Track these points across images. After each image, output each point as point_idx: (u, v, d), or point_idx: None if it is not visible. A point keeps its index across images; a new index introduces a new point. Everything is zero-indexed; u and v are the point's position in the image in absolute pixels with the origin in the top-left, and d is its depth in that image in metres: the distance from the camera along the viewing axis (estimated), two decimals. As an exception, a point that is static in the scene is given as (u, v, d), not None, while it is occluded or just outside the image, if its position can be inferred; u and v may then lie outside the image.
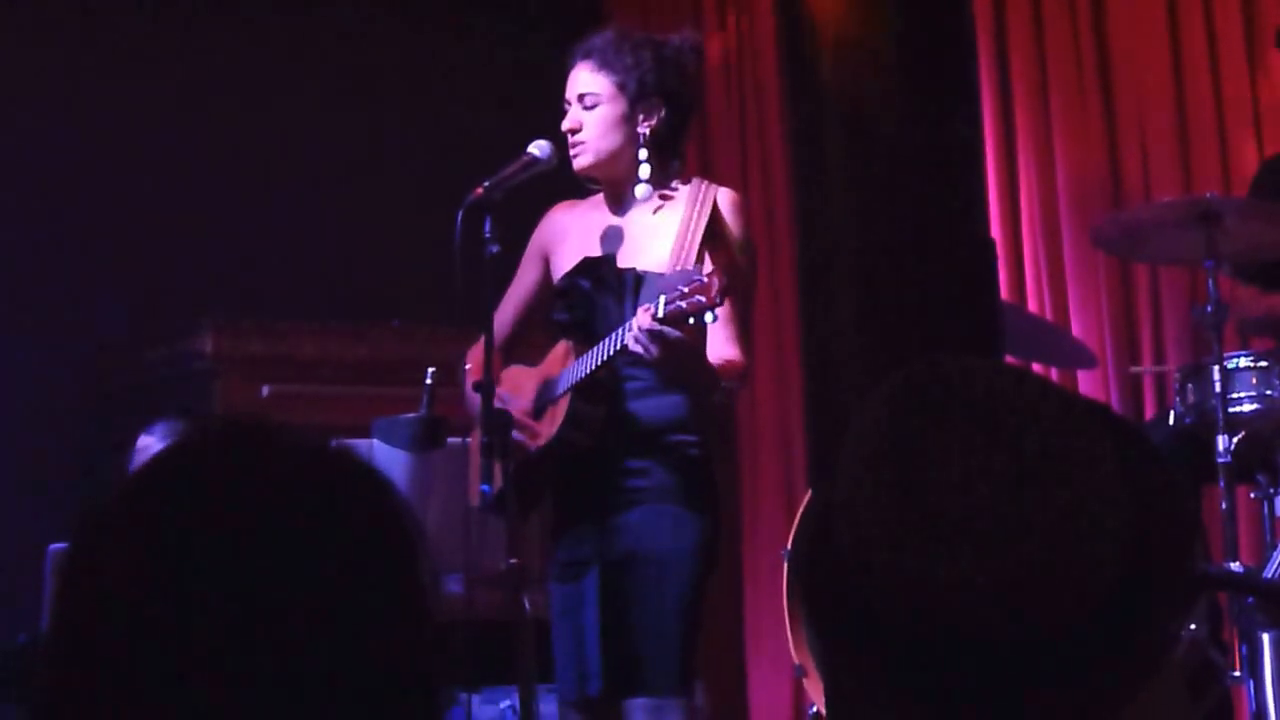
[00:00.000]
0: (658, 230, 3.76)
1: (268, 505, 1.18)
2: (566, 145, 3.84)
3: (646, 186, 3.79)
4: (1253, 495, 4.57)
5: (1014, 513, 1.25)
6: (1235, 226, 4.40)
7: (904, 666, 1.29)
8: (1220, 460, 4.29)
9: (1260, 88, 5.67)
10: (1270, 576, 4.14)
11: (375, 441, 4.12)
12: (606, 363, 3.62)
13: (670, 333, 3.45)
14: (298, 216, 6.43)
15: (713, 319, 3.41)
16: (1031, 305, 5.87)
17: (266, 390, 5.79)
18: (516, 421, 3.75)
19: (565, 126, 3.85)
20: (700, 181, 3.82)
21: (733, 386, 3.74)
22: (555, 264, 3.92)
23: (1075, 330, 5.76)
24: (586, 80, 3.83)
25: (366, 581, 1.18)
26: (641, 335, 3.46)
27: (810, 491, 5.10)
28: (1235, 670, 4.27)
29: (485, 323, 3.75)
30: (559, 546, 3.79)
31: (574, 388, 3.69)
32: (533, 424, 3.79)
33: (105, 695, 1.14)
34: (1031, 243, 5.94)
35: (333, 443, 1.26)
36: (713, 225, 3.70)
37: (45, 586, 4.99)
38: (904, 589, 1.26)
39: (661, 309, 3.42)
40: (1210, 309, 4.39)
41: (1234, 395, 4.44)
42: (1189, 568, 1.33)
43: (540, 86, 4.58)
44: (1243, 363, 4.50)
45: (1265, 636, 4.19)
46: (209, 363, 5.81)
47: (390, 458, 4.13)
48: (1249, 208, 4.56)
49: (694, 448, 3.71)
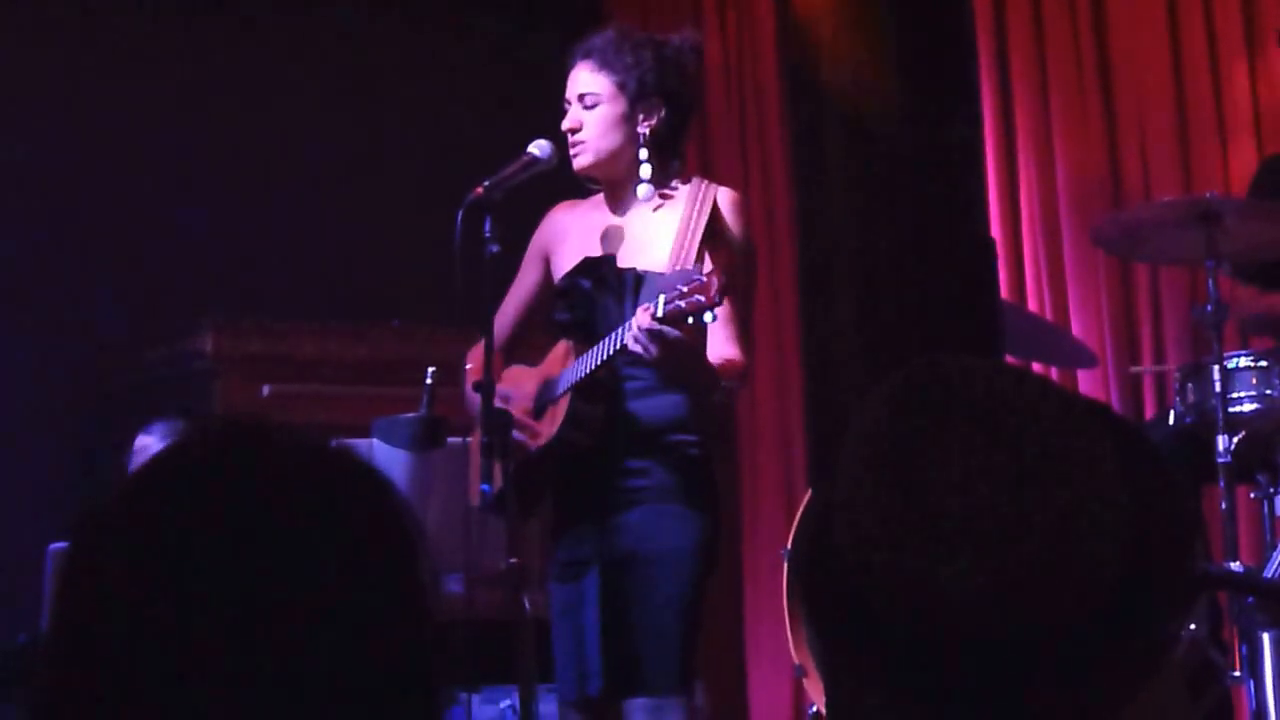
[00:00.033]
0: (658, 230, 3.76)
1: (267, 505, 1.18)
2: (566, 145, 3.84)
3: (648, 186, 3.79)
4: (1253, 495, 4.57)
5: (1014, 513, 1.25)
6: (1235, 226, 4.40)
7: (904, 666, 1.28)
8: (1220, 460, 4.30)
9: (1260, 88, 5.67)
10: (1270, 576, 4.14)
11: (375, 441, 4.12)
12: (606, 362, 3.62)
13: (669, 332, 3.44)
14: (298, 216, 6.43)
15: (712, 318, 3.41)
16: (1031, 305, 5.87)
17: (267, 390, 5.79)
18: (516, 421, 3.75)
19: (565, 126, 3.85)
20: (700, 181, 3.82)
21: (733, 386, 3.74)
22: (556, 264, 3.92)
23: (1075, 330, 5.76)
24: (587, 80, 3.83)
25: (366, 581, 1.18)
26: (641, 335, 3.46)
27: (810, 491, 5.11)
28: (1235, 670, 4.27)
29: (485, 322, 3.75)
30: (559, 546, 3.79)
31: (574, 387, 3.69)
32: (533, 424, 3.79)
33: (105, 695, 1.14)
34: (1031, 242, 5.93)
35: (333, 442, 1.26)
36: (712, 225, 3.70)
37: (45, 586, 4.99)
38: (904, 589, 1.26)
39: (661, 309, 3.42)
40: (1210, 309, 4.39)
41: (1234, 395, 4.44)
42: (1189, 567, 1.33)
43: (540, 86, 4.58)
44: (1243, 362, 4.50)
45: (1265, 636, 4.19)
46: (209, 362, 5.81)
47: (390, 457, 4.13)
48: (1249, 207, 4.56)
49: (694, 447, 3.71)
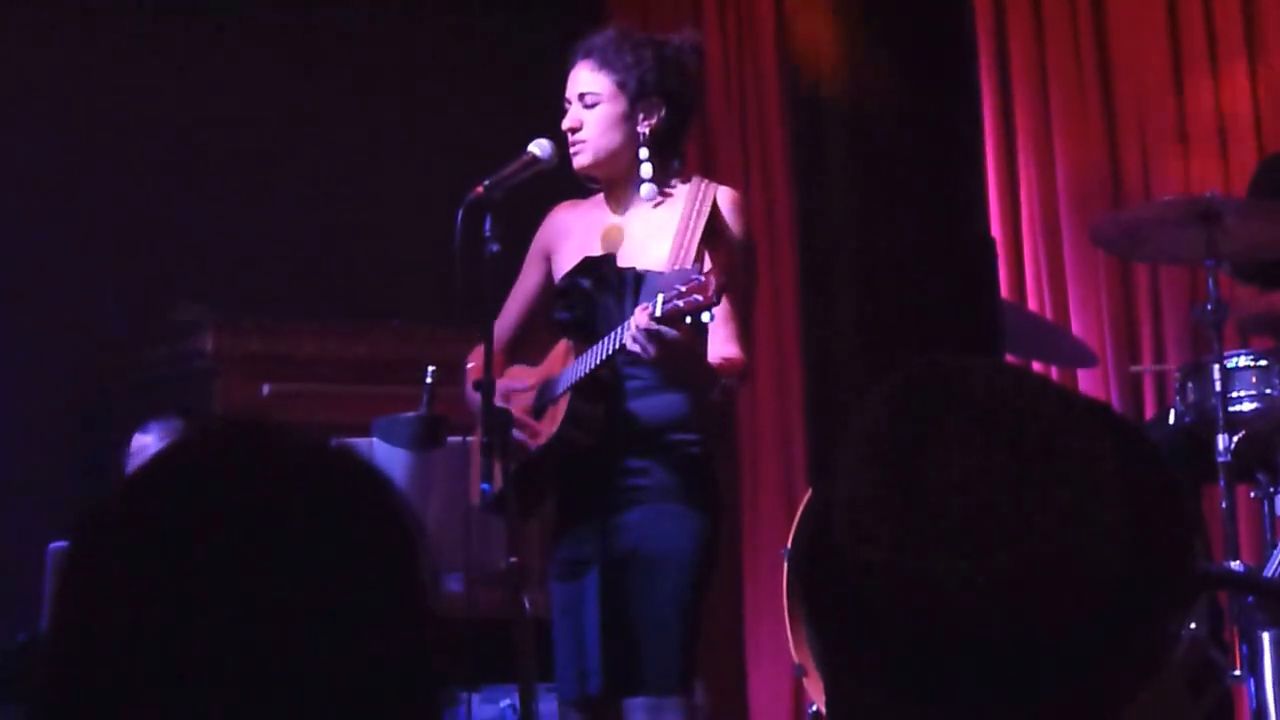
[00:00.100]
0: (658, 229, 3.76)
1: (267, 504, 1.18)
2: (567, 144, 3.84)
3: (650, 186, 3.79)
4: (1253, 494, 4.57)
5: (1014, 512, 1.25)
6: (1235, 225, 4.40)
7: (904, 666, 1.28)
8: (1220, 459, 4.29)
9: (1260, 88, 5.67)
10: (1270, 575, 4.14)
11: (375, 440, 4.12)
12: (606, 362, 3.62)
13: (668, 332, 3.44)
14: (298, 216, 6.42)
15: (710, 318, 3.41)
16: (1031, 304, 5.87)
17: (267, 389, 5.79)
18: (517, 421, 3.76)
19: (565, 125, 3.85)
20: (700, 180, 3.82)
21: (733, 385, 3.74)
22: (557, 263, 3.92)
23: (1075, 329, 5.76)
24: (587, 79, 3.83)
25: (366, 580, 1.18)
26: (639, 335, 3.46)
27: (810, 491, 5.10)
28: (1236, 669, 4.27)
29: (485, 322, 3.75)
30: (560, 545, 3.79)
31: (574, 387, 3.69)
32: (533, 423, 3.79)
33: (105, 695, 1.14)
34: (1031, 242, 5.93)
35: (333, 442, 1.26)
36: (712, 224, 3.70)
37: (45, 586, 4.99)
38: (904, 589, 1.26)
39: (659, 308, 3.42)
40: (1210, 308, 4.39)
41: (1234, 394, 4.44)
42: (1189, 567, 1.33)
43: (540, 85, 4.58)
44: (1243, 361, 4.50)
45: (1265, 635, 4.18)
46: (209, 362, 5.81)
47: (390, 456, 4.13)
48: (1249, 207, 4.56)
49: (695, 446, 3.71)
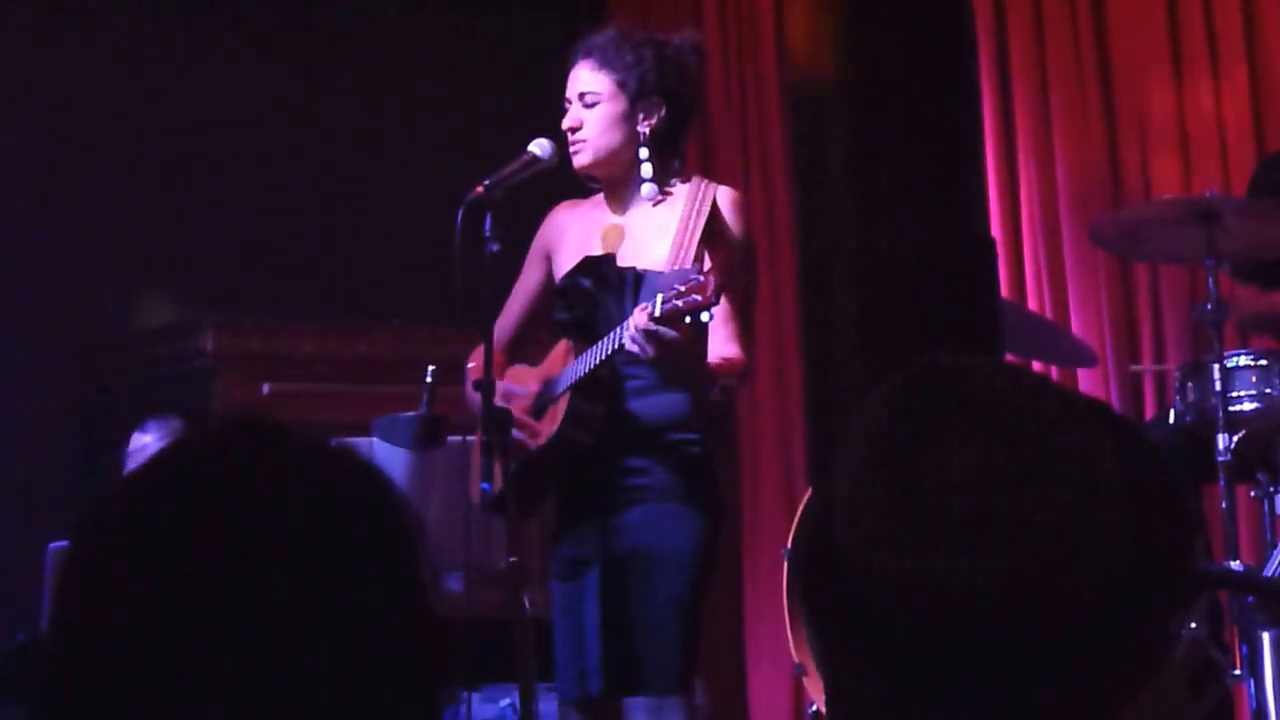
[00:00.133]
0: (658, 229, 3.76)
1: (268, 503, 1.18)
2: (567, 143, 3.84)
3: (651, 185, 3.79)
4: (1253, 494, 4.56)
5: (1014, 512, 1.25)
6: (1235, 225, 4.40)
7: (904, 666, 1.28)
8: (1220, 459, 4.29)
9: (1260, 88, 5.67)
10: (1270, 575, 4.14)
11: (375, 440, 4.12)
12: (605, 361, 3.62)
13: (666, 333, 3.44)
14: (298, 216, 6.42)
15: (709, 318, 3.40)
16: (1031, 304, 5.87)
17: (267, 388, 5.79)
18: (517, 421, 3.75)
19: (565, 125, 3.85)
20: (700, 180, 3.81)
21: (733, 384, 3.74)
22: (557, 263, 3.92)
23: (1075, 329, 5.76)
24: (587, 79, 3.83)
25: (367, 580, 1.18)
26: (638, 335, 3.46)
27: (810, 490, 5.10)
28: (1236, 669, 4.27)
29: (485, 322, 3.75)
30: (561, 545, 3.79)
31: (573, 386, 3.69)
32: (533, 423, 3.79)
33: (105, 695, 1.14)
34: (1031, 241, 5.93)
35: (333, 441, 1.26)
36: (712, 223, 3.70)
37: (45, 586, 4.99)
38: (904, 589, 1.26)
39: (658, 308, 3.41)
40: (1210, 307, 4.39)
41: (1234, 394, 4.44)
42: (1189, 567, 1.33)
43: (540, 85, 4.58)
44: (1243, 361, 4.49)
45: (1265, 635, 4.18)
46: (209, 361, 5.81)
47: (390, 456, 4.13)
48: (1248, 206, 4.56)
49: (695, 446, 3.71)
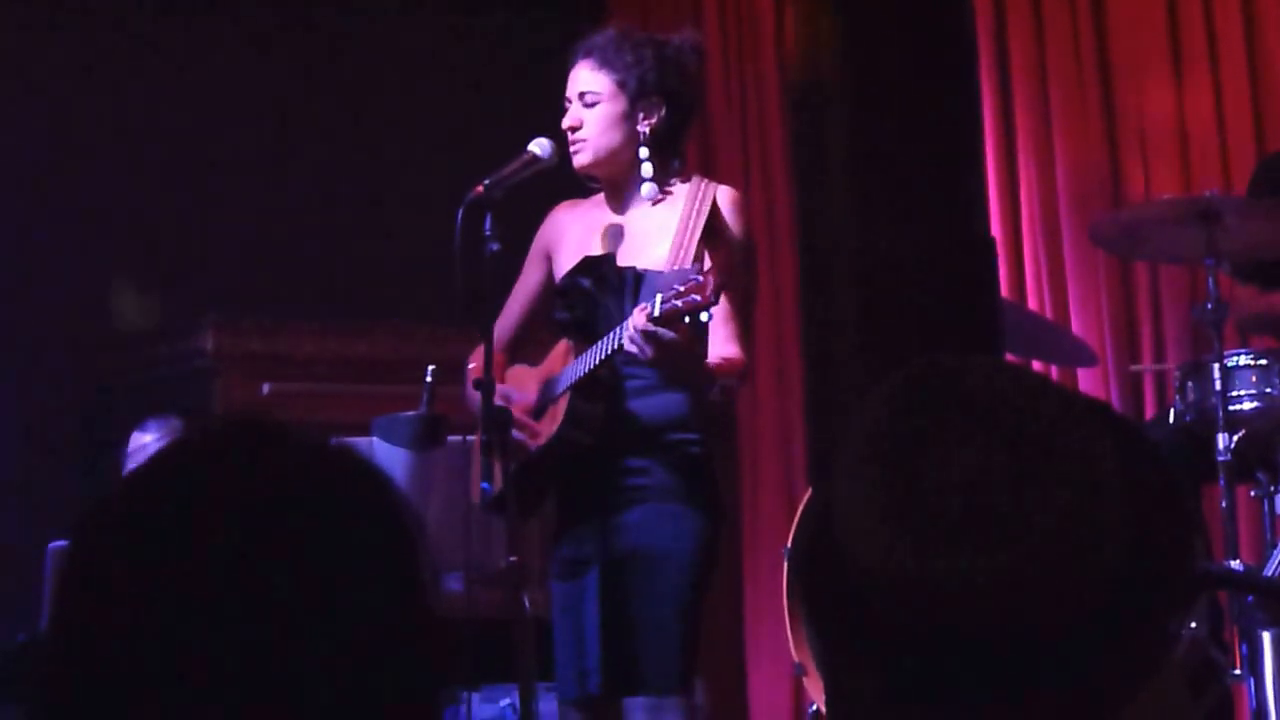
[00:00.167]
0: (658, 228, 3.76)
1: (268, 503, 1.18)
2: (567, 143, 3.84)
3: (651, 185, 3.79)
4: (1253, 493, 4.56)
5: (1014, 512, 1.25)
6: (1235, 224, 4.40)
7: (904, 666, 1.28)
8: (1220, 458, 4.29)
9: (1260, 87, 5.67)
10: (1270, 575, 4.14)
11: (375, 439, 4.12)
12: (605, 362, 3.62)
13: (664, 334, 3.44)
14: (298, 215, 6.43)
15: (708, 318, 3.40)
16: (1031, 303, 5.87)
17: (267, 388, 5.79)
18: (517, 421, 3.75)
19: (565, 124, 3.85)
20: (700, 180, 3.81)
21: (733, 384, 3.74)
22: (557, 263, 3.92)
23: (1075, 328, 5.76)
24: (587, 78, 3.83)
25: (367, 579, 1.18)
26: (636, 336, 3.46)
27: (810, 490, 5.10)
28: (1236, 669, 4.27)
29: (484, 321, 3.74)
30: (561, 544, 3.79)
31: (573, 386, 3.69)
32: (533, 424, 3.79)
33: (105, 695, 1.14)
34: (1031, 241, 5.93)
35: (333, 441, 1.26)
36: (711, 223, 3.70)
37: (45, 586, 4.99)
38: (904, 589, 1.26)
39: (657, 308, 3.41)
40: (1210, 307, 4.39)
41: (1234, 393, 4.43)
42: (1189, 566, 1.33)
43: (541, 85, 4.58)
44: (1243, 360, 4.49)
45: (1265, 635, 4.18)
46: (209, 361, 5.81)
47: (390, 456, 4.13)
48: (1248, 206, 4.56)
49: (695, 446, 3.71)
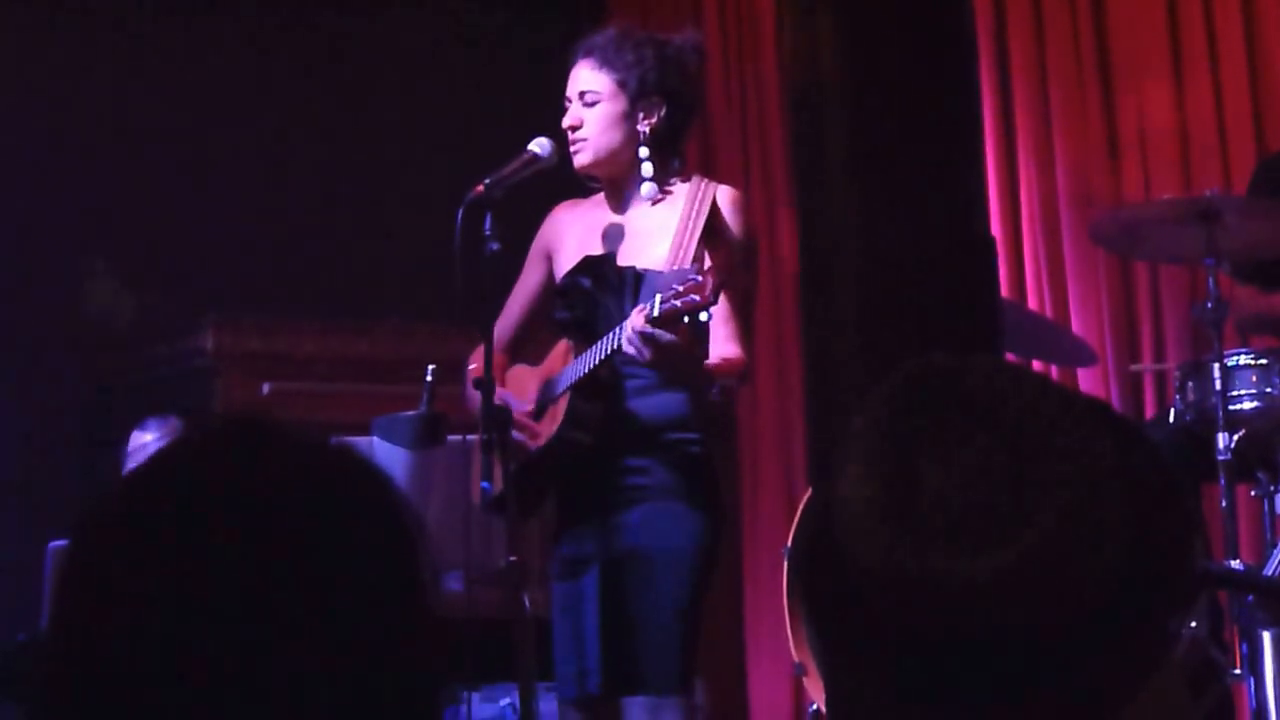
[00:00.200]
0: (658, 228, 3.76)
1: (268, 503, 1.18)
2: (567, 143, 3.84)
3: (652, 185, 3.79)
4: (1253, 493, 4.56)
5: (1014, 512, 1.25)
6: (1235, 224, 4.40)
7: (904, 666, 1.28)
8: (1220, 458, 4.29)
9: (1260, 87, 5.67)
10: (1270, 574, 4.14)
11: (375, 439, 4.12)
12: (604, 362, 3.62)
13: (663, 335, 3.43)
14: (298, 215, 6.43)
15: (707, 317, 3.40)
16: (1031, 303, 5.86)
17: (267, 388, 5.79)
18: (517, 421, 3.75)
19: (565, 124, 3.85)
20: (700, 179, 3.81)
21: (733, 384, 3.74)
22: (557, 263, 3.92)
23: (1075, 328, 5.76)
24: (587, 78, 3.83)
25: (367, 579, 1.18)
26: (634, 338, 3.46)
27: (810, 490, 5.10)
28: (1236, 668, 4.27)
29: (484, 321, 3.74)
30: (561, 544, 3.79)
31: (573, 386, 3.69)
32: (533, 424, 3.79)
33: (105, 695, 1.14)
34: (1031, 240, 5.93)
35: (333, 440, 1.26)
36: (711, 223, 3.70)
37: (45, 586, 4.99)
38: (904, 588, 1.26)
39: (656, 309, 3.41)
40: (1210, 306, 4.39)
41: (1234, 393, 4.43)
42: (1189, 566, 1.33)
43: (541, 84, 4.58)
44: (1243, 360, 4.49)
45: (1266, 634, 4.18)
46: (210, 360, 5.81)
47: (390, 455, 4.13)
48: (1248, 206, 4.56)
49: (695, 446, 3.71)
